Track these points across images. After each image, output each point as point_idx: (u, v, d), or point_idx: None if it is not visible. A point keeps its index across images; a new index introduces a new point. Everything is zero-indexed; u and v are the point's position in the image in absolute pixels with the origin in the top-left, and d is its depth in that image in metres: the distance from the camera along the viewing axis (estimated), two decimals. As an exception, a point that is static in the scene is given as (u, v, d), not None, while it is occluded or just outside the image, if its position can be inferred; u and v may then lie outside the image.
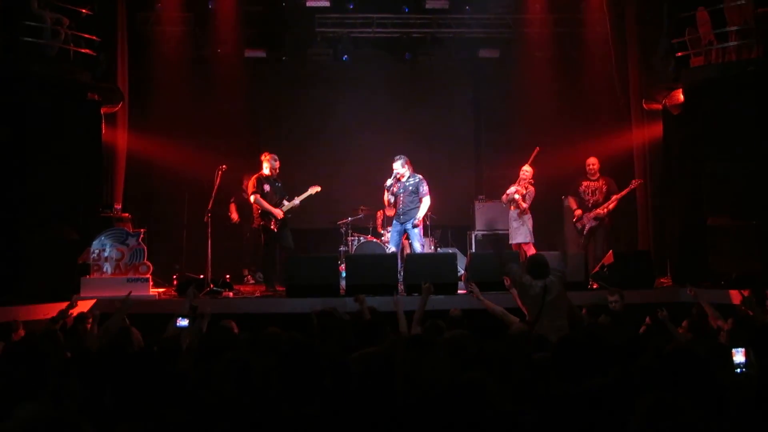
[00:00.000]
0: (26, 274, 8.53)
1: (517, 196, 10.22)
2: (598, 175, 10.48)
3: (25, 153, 8.83)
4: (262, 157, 9.90)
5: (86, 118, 9.57)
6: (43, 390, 3.58)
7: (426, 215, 10.08)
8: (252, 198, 9.68)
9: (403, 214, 9.74)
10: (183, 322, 5.66)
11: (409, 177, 9.77)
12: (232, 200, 11.37)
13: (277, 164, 9.87)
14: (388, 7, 12.46)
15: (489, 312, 6.33)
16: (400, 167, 9.71)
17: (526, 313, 6.27)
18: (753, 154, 9.18)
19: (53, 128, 9.07)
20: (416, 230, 9.74)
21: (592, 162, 10.50)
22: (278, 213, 9.62)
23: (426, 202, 9.76)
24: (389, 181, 9.80)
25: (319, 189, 10.02)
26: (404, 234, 9.88)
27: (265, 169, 9.81)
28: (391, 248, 9.86)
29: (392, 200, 9.85)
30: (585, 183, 10.51)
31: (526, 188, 10.28)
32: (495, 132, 13.64)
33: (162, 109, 11.57)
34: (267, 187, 9.72)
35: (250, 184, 9.74)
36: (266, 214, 9.63)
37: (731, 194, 9.31)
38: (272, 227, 9.64)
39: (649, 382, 3.56)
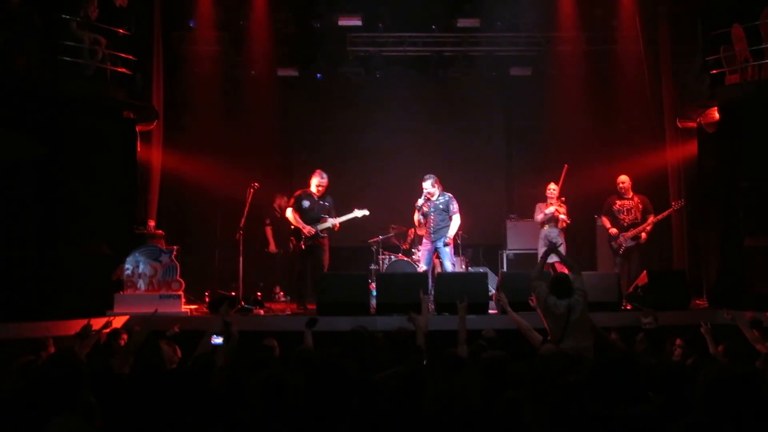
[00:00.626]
0: (61, 289, 8.62)
1: (562, 216, 10.14)
2: (631, 193, 10.30)
3: (61, 170, 8.96)
4: (312, 174, 9.84)
5: (122, 136, 9.71)
6: (73, 407, 3.60)
7: (457, 234, 10.03)
8: (287, 212, 9.73)
9: (434, 232, 9.71)
10: (218, 340, 5.69)
11: (438, 196, 9.76)
12: (267, 224, 11.37)
13: (324, 181, 9.76)
14: (420, 26, 12.48)
15: (518, 331, 6.29)
16: (429, 186, 9.70)
17: (549, 331, 6.21)
18: (790, 172, 9.04)
19: (89, 146, 9.21)
20: (447, 249, 9.71)
21: (624, 180, 10.32)
22: (306, 230, 9.58)
23: (456, 220, 9.74)
24: (420, 201, 9.78)
25: (366, 212, 10.00)
26: (435, 253, 9.85)
27: (312, 186, 9.77)
28: (423, 267, 9.82)
29: (422, 220, 9.82)
30: (619, 202, 10.30)
31: (561, 205, 10.20)
32: (526, 150, 13.59)
33: (196, 127, 11.70)
34: (306, 203, 9.69)
35: (292, 198, 9.80)
36: (297, 231, 9.65)
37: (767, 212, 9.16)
38: (301, 244, 9.65)
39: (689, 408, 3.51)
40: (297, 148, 13.39)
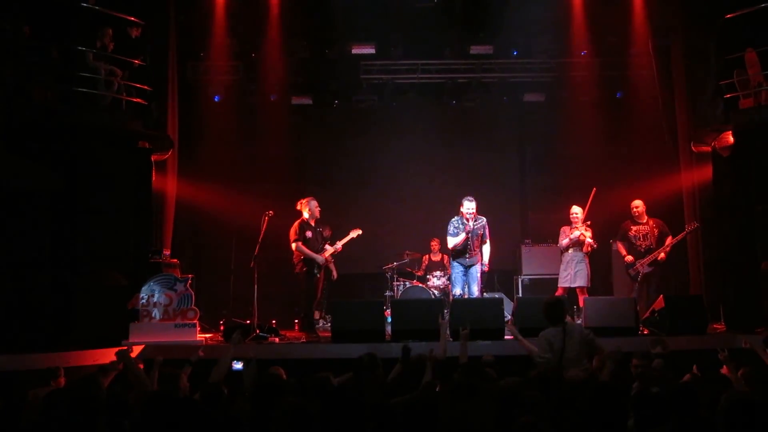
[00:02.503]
0: (76, 319, 8.61)
1: (589, 240, 10.00)
2: (645, 217, 10.16)
3: (77, 200, 9.00)
4: (299, 205, 9.81)
5: (137, 166, 9.74)
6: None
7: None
8: (294, 245, 9.62)
9: (470, 257, 9.70)
10: (238, 365, 5.69)
11: (477, 218, 9.75)
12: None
13: (317, 209, 9.80)
14: (433, 53, 12.55)
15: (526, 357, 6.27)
16: (474, 207, 9.68)
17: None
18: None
19: (105, 176, 9.25)
20: (478, 275, 9.70)
21: (638, 204, 10.19)
22: (321, 259, 9.66)
23: (488, 246, 9.81)
24: (471, 223, 9.66)
25: (360, 232, 10.09)
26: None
27: (306, 215, 9.75)
28: (458, 291, 9.74)
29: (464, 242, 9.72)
30: (634, 228, 10.16)
31: (587, 229, 10.09)
32: (540, 176, 13.59)
33: (210, 156, 11.80)
34: (309, 234, 9.65)
35: (292, 231, 9.67)
36: (310, 261, 9.58)
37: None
38: (316, 272, 9.64)
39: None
40: (311, 176, 13.42)
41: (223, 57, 11.92)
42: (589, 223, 10.14)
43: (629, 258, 10.09)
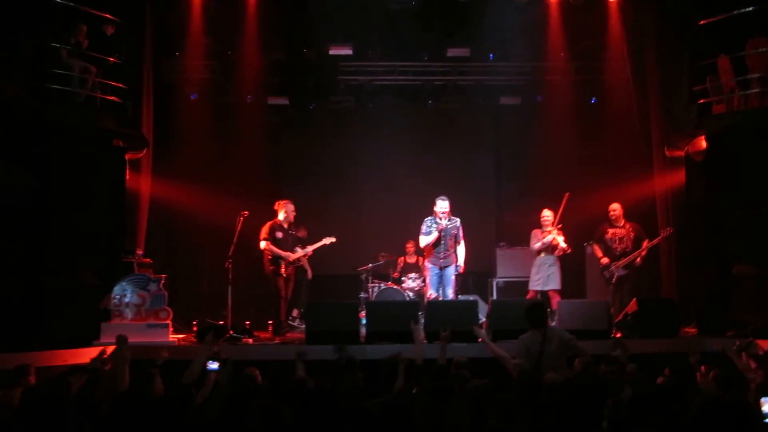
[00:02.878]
0: (47, 319, 8.49)
1: (563, 245, 10.08)
2: (623, 221, 10.22)
3: (49, 198, 8.89)
4: (276, 206, 10.02)
5: (111, 165, 9.65)
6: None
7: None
8: (262, 244, 9.76)
9: (444, 258, 9.65)
10: (213, 365, 5.64)
11: (451, 219, 9.70)
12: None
13: (292, 213, 10.00)
14: (410, 56, 12.57)
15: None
16: (447, 207, 9.61)
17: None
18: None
19: (78, 174, 9.14)
20: (452, 277, 9.67)
21: (615, 208, 10.25)
22: (289, 255, 9.78)
23: (463, 246, 9.73)
24: (444, 222, 9.60)
25: (333, 240, 10.22)
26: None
27: (280, 216, 9.93)
28: (432, 293, 9.69)
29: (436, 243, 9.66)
30: (611, 230, 10.22)
31: (559, 233, 10.15)
32: (516, 179, 13.66)
33: (185, 155, 11.69)
34: (280, 234, 9.83)
35: (263, 230, 9.81)
36: (276, 260, 9.73)
37: (756, 242, 9.19)
38: (282, 272, 9.75)
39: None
40: (287, 176, 13.39)
41: (200, 56, 11.85)
42: (560, 226, 10.21)
43: (605, 260, 10.16)
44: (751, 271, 9.21)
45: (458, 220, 9.75)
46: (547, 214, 10.26)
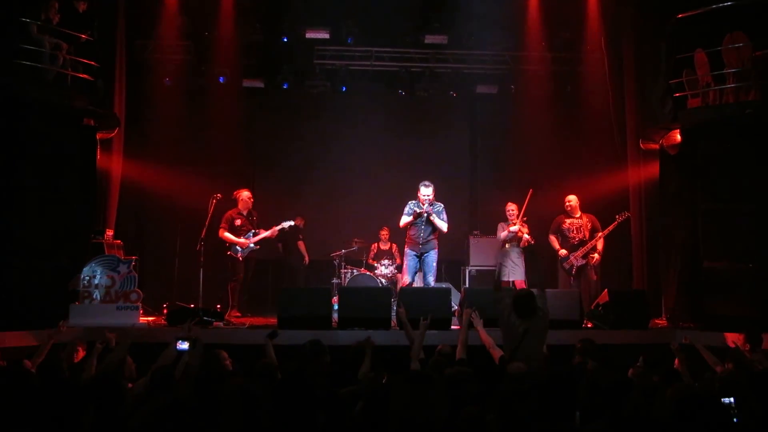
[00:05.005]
0: (13, 300, 8.33)
1: (526, 236, 10.25)
2: (579, 212, 10.33)
3: (17, 176, 8.71)
4: (235, 194, 10.27)
5: (81, 144, 9.47)
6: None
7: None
8: (221, 233, 10.01)
9: (424, 243, 9.54)
10: (183, 345, 5.57)
11: (434, 204, 9.54)
12: (300, 238, 11.87)
13: (250, 201, 10.28)
14: (387, 41, 12.49)
15: (479, 347, 6.23)
16: (431, 193, 9.47)
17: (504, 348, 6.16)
18: (750, 196, 9.15)
19: (47, 152, 8.97)
20: (433, 264, 9.61)
21: (571, 199, 10.36)
22: (242, 243, 9.99)
23: (446, 227, 9.56)
24: (427, 206, 9.43)
25: (292, 223, 10.38)
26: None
27: (240, 205, 10.20)
28: (407, 280, 9.60)
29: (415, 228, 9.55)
30: (568, 221, 10.32)
31: (524, 225, 10.27)
32: (491, 167, 13.68)
33: (158, 136, 11.54)
34: (238, 222, 10.13)
35: (223, 220, 10.06)
36: (233, 246, 10.01)
37: (728, 236, 9.24)
38: (239, 257, 10.05)
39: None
40: (261, 159, 13.29)
41: (174, 36, 11.68)
42: (525, 219, 10.32)
43: (563, 252, 10.25)
44: (721, 265, 9.28)
45: (441, 205, 9.65)
46: (511, 208, 10.48)
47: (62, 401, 3.58)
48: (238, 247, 10.03)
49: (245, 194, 10.25)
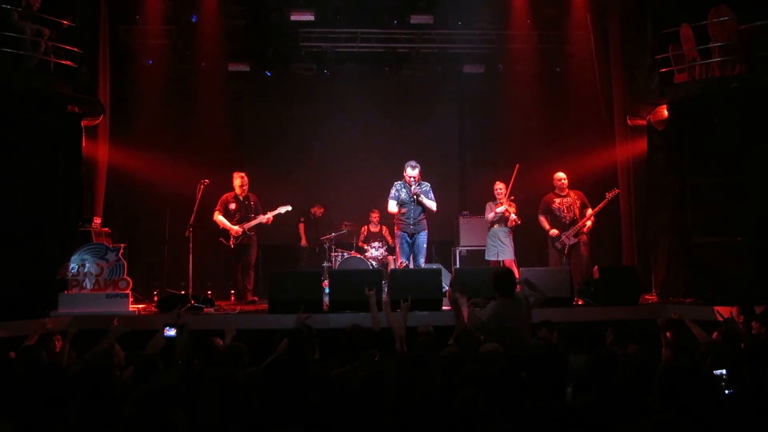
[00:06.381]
0: (2, 289, 8.28)
1: (513, 216, 10.23)
2: (567, 190, 10.29)
3: (1, 165, 8.65)
4: (233, 176, 10.16)
5: (66, 131, 9.40)
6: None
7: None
8: (215, 216, 9.93)
9: (415, 224, 9.51)
10: (170, 332, 5.56)
11: (421, 183, 9.53)
12: (301, 221, 12.06)
13: (246, 181, 10.12)
14: (373, 22, 12.37)
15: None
16: (417, 173, 9.45)
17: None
18: (737, 170, 9.20)
19: (31, 140, 8.91)
20: (424, 245, 9.57)
21: (562, 177, 10.32)
22: (234, 231, 9.87)
23: (434, 205, 9.54)
24: (414, 187, 9.41)
25: (289, 208, 10.18)
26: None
27: (236, 188, 10.08)
28: (403, 261, 9.60)
29: (401, 208, 9.52)
30: (557, 200, 10.27)
31: (511, 205, 10.27)
32: (479, 147, 13.64)
33: (144, 122, 11.40)
34: (233, 206, 10.01)
35: (218, 202, 10.01)
36: (225, 232, 9.91)
37: (716, 210, 9.31)
38: (230, 244, 9.94)
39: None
40: (248, 144, 13.20)
41: (158, 20, 11.52)
42: (512, 198, 10.32)
43: (554, 231, 10.22)
44: (710, 240, 9.33)
45: (428, 184, 9.62)
46: (499, 187, 10.44)
47: (46, 390, 3.56)
48: (229, 234, 9.92)
49: (237, 180, 10.09)
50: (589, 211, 10.14)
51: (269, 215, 9.99)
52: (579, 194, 10.34)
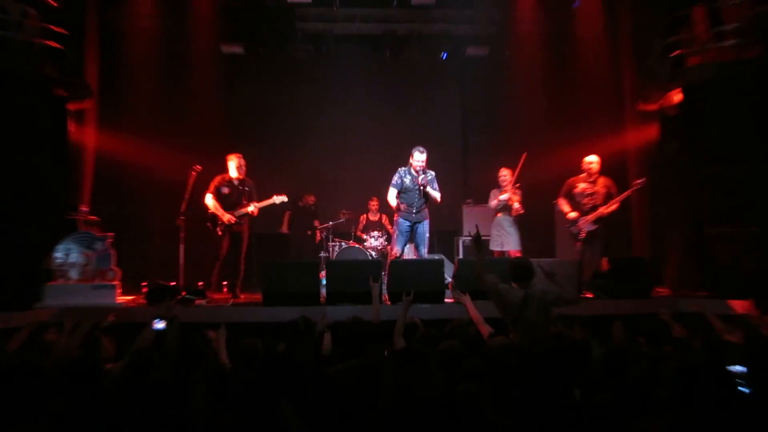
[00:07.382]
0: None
1: (516, 205, 9.85)
2: (596, 176, 9.59)
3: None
4: (228, 158, 9.58)
5: (52, 115, 9.11)
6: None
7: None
8: (206, 198, 9.41)
9: (417, 212, 9.08)
10: (160, 325, 5.38)
11: (426, 172, 9.09)
12: (287, 211, 11.75)
13: (243, 164, 9.55)
14: (372, 2, 12.04)
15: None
16: (424, 160, 8.97)
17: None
18: (752, 156, 8.87)
19: (15, 124, 8.58)
20: (426, 234, 9.17)
21: (593, 161, 9.58)
22: (226, 218, 9.37)
23: (438, 195, 9.13)
24: (421, 177, 8.96)
25: (285, 198, 9.71)
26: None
27: (231, 171, 9.52)
28: (398, 251, 9.13)
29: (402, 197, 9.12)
30: (581, 185, 9.62)
31: (515, 193, 9.88)
32: (483, 133, 13.31)
33: (134, 106, 11.07)
34: (226, 190, 9.48)
35: (210, 183, 9.47)
36: (214, 217, 9.40)
37: (730, 199, 9.00)
38: (218, 231, 9.43)
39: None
40: (242, 129, 12.84)
41: (147, 1, 11.16)
42: (518, 185, 9.94)
43: (573, 214, 9.61)
44: (724, 230, 9.02)
45: (433, 173, 9.22)
46: (504, 173, 10.03)
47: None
48: (218, 220, 9.41)
49: (241, 161, 9.54)
50: (614, 199, 9.61)
51: (255, 206, 9.45)
52: (608, 182, 9.61)
